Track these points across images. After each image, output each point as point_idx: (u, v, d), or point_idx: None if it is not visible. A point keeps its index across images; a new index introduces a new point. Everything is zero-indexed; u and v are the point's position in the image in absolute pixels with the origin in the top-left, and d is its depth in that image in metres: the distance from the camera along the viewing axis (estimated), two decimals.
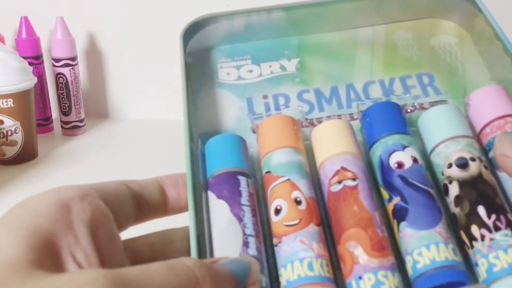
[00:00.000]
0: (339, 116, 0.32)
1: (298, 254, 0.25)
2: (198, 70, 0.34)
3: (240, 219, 0.26)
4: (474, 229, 0.25)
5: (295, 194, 0.26)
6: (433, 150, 0.28)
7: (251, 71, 0.34)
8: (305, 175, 0.27)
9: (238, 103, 0.33)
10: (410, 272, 0.25)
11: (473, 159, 0.27)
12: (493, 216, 0.25)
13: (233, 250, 0.25)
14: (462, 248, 0.25)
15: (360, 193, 0.26)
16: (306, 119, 0.31)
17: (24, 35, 0.73)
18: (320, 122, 0.32)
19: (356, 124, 0.31)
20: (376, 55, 0.35)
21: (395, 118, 0.29)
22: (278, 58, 0.35)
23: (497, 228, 0.24)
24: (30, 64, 0.69)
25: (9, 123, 0.64)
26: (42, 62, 0.76)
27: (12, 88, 0.62)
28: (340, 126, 0.29)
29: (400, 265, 0.25)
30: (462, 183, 0.26)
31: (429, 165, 0.28)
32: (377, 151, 0.28)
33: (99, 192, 0.24)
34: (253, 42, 0.35)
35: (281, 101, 0.34)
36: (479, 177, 0.26)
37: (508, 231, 0.24)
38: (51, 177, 0.63)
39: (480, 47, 0.34)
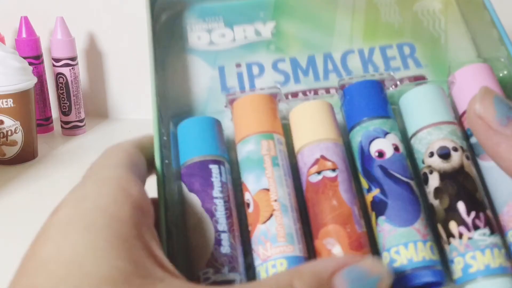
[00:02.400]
0: (316, 91, 0.30)
1: (255, 261, 0.24)
2: (167, 33, 0.31)
3: (212, 215, 0.24)
4: (453, 225, 0.24)
5: (246, 196, 0.25)
6: (414, 135, 0.27)
7: (223, 35, 0.32)
8: (257, 167, 0.26)
9: (210, 72, 0.31)
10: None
11: (455, 149, 0.26)
12: (473, 213, 0.24)
13: (206, 249, 0.24)
14: (439, 241, 0.25)
15: (340, 186, 0.25)
16: (282, 96, 0.29)
17: (24, 35, 0.73)
18: (295, 97, 0.30)
19: (336, 100, 0.29)
20: (357, 20, 0.32)
21: (377, 100, 0.28)
22: (253, 20, 0.32)
23: (476, 227, 0.24)
24: (30, 64, 0.69)
25: (9, 123, 0.63)
26: (42, 62, 0.76)
27: (12, 88, 0.62)
28: (320, 108, 0.27)
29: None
30: (443, 175, 0.25)
31: (410, 150, 0.27)
32: (358, 136, 0.27)
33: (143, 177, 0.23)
34: (226, 1, 0.32)
35: (255, 70, 0.31)
36: (460, 169, 0.25)
37: (486, 230, 0.24)
38: (51, 177, 0.63)
39: (466, 16, 0.32)
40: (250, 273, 0.25)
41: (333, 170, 0.25)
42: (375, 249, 0.25)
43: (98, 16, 0.79)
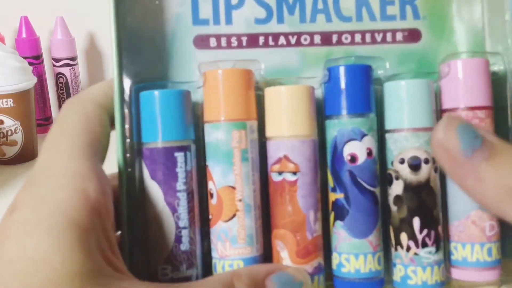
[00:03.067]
0: (299, 36, 0.27)
1: (212, 251, 0.25)
2: None
3: (174, 210, 0.24)
4: (403, 237, 0.26)
5: (210, 185, 0.25)
6: (391, 131, 0.26)
7: None
8: (225, 160, 0.24)
9: None
10: (334, 265, 0.26)
11: (426, 161, 0.26)
12: (425, 231, 0.25)
13: (165, 245, 0.24)
14: (387, 240, 0.26)
15: (298, 191, 0.24)
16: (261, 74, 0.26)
17: (24, 35, 0.72)
18: (275, 43, 0.27)
19: (319, 56, 0.27)
20: None
21: (361, 93, 0.25)
22: None
23: (424, 244, 0.25)
24: (30, 64, 0.67)
25: (9, 123, 0.62)
26: (42, 62, 0.75)
27: (12, 88, 0.61)
28: (297, 95, 0.25)
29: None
30: (407, 186, 0.26)
31: (384, 140, 0.27)
32: (334, 131, 0.26)
33: (108, 185, 0.22)
34: None
35: (234, 0, 0.27)
36: (425, 184, 0.25)
37: (432, 248, 0.25)
38: None
39: None
40: (208, 261, 0.25)
41: (294, 173, 0.25)
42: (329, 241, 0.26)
43: (98, 16, 0.76)
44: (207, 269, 0.25)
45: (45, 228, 0.19)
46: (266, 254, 0.25)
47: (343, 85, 0.25)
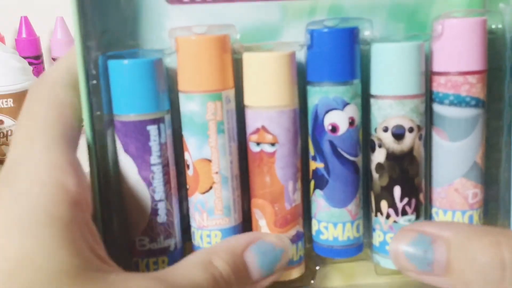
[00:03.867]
0: None
1: (191, 221, 0.25)
2: None
3: (149, 183, 0.24)
4: (384, 204, 0.25)
5: (186, 156, 0.24)
6: (376, 97, 0.25)
7: None
8: (200, 132, 0.24)
9: None
10: (313, 231, 0.26)
11: (411, 130, 0.25)
12: (405, 200, 0.25)
13: (142, 218, 0.24)
14: (368, 206, 0.26)
15: (276, 162, 0.24)
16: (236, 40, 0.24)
17: (24, 35, 0.72)
18: None
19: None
20: None
21: (345, 59, 0.24)
22: None
23: (404, 213, 0.25)
24: (30, 64, 0.66)
25: (9, 123, 0.61)
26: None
27: (12, 88, 0.60)
28: (276, 64, 0.23)
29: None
30: (390, 155, 0.25)
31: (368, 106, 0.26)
32: (315, 99, 0.25)
33: (85, 176, 0.22)
34: None
35: None
36: (408, 153, 0.25)
37: (412, 216, 0.25)
38: None
39: None
40: (187, 233, 0.26)
41: (272, 144, 0.24)
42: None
43: None
44: (189, 236, 0.25)
45: (25, 226, 0.18)
46: (247, 221, 0.25)
47: (325, 51, 0.24)
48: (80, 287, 0.18)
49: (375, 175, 0.25)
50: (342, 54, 0.24)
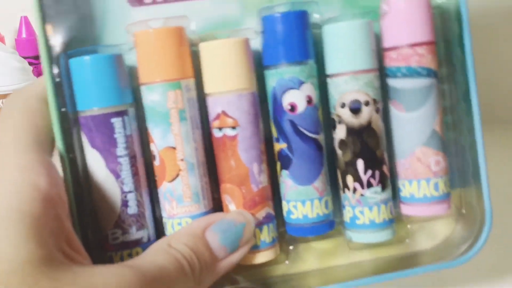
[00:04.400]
0: None
1: (162, 212, 0.26)
2: None
3: (117, 175, 0.24)
4: (349, 179, 0.26)
5: (152, 147, 0.25)
6: (331, 76, 0.26)
7: None
8: (163, 121, 0.24)
9: None
10: (284, 213, 0.27)
11: (367, 103, 0.25)
12: (369, 172, 0.26)
13: (112, 211, 0.24)
14: (336, 184, 0.27)
15: (239, 145, 0.25)
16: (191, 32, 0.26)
17: (24, 35, 0.71)
18: None
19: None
20: None
21: (298, 40, 0.25)
22: None
23: (369, 185, 0.26)
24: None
25: None
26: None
27: (12, 88, 0.58)
28: (231, 50, 0.24)
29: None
30: (350, 130, 0.26)
31: (325, 87, 0.26)
32: (272, 81, 0.25)
33: (59, 175, 0.22)
34: None
35: None
36: (367, 125, 0.26)
37: (378, 188, 0.26)
38: None
39: None
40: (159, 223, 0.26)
41: (234, 128, 0.25)
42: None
43: None
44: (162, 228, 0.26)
45: None
46: (220, 210, 0.26)
47: (277, 34, 0.25)
48: (43, 276, 0.18)
49: (339, 152, 0.26)
50: (293, 36, 0.25)
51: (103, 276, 0.18)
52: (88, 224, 0.25)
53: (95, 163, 0.24)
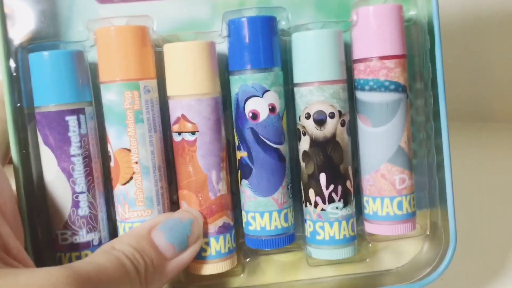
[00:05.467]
0: None
1: (116, 214, 0.25)
2: None
3: (69, 175, 0.24)
4: (311, 193, 0.25)
5: (108, 148, 0.24)
6: (298, 85, 0.25)
7: None
8: (118, 122, 0.24)
9: None
10: (243, 223, 0.26)
11: (332, 115, 0.25)
12: (331, 187, 0.25)
13: (63, 211, 0.24)
14: (298, 197, 0.26)
15: (198, 151, 0.24)
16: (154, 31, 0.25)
17: None
18: None
19: None
20: None
21: (263, 46, 0.24)
22: None
23: (331, 200, 0.25)
24: None
25: None
26: None
27: None
28: (195, 53, 0.24)
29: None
30: (314, 142, 0.25)
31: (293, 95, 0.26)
32: (236, 87, 0.25)
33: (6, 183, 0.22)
34: None
35: None
36: (331, 138, 0.25)
37: (340, 204, 0.25)
38: None
39: None
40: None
41: (193, 133, 0.24)
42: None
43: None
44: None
45: None
46: None
47: (242, 38, 0.24)
48: None
49: (302, 164, 0.25)
50: (258, 42, 0.24)
51: (29, 276, 0.18)
52: (39, 223, 0.24)
53: (47, 161, 0.24)
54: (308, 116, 0.25)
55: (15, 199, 0.23)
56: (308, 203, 0.25)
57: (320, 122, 0.25)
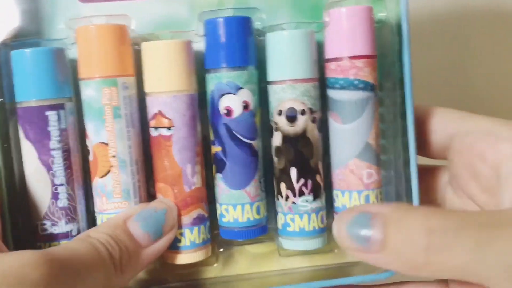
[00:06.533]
0: None
1: (94, 206, 0.26)
2: None
3: (49, 168, 0.25)
4: (283, 187, 0.26)
5: (87, 142, 0.25)
6: (271, 83, 0.26)
7: None
8: (97, 117, 0.25)
9: None
10: (217, 215, 0.27)
11: (303, 112, 0.26)
12: (302, 181, 0.26)
13: (42, 202, 0.25)
14: (271, 191, 0.27)
15: (173, 145, 0.25)
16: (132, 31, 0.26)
17: None
18: None
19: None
20: None
21: (238, 45, 0.25)
22: None
23: (301, 193, 0.26)
24: None
25: None
26: None
27: None
28: (170, 50, 0.25)
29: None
30: (285, 138, 0.26)
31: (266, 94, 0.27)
32: (211, 85, 0.26)
33: None
34: None
35: None
36: (302, 134, 0.26)
37: (309, 197, 0.26)
38: None
39: None
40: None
41: (169, 128, 0.25)
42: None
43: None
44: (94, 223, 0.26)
45: None
46: None
47: (218, 38, 0.25)
48: None
49: (275, 159, 0.26)
50: (233, 41, 0.25)
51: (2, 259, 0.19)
52: (20, 214, 0.25)
53: (28, 154, 0.25)
54: (280, 113, 0.26)
55: None
56: (279, 196, 0.27)
57: (291, 118, 0.26)
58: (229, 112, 0.25)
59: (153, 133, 0.25)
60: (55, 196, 0.25)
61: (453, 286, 0.25)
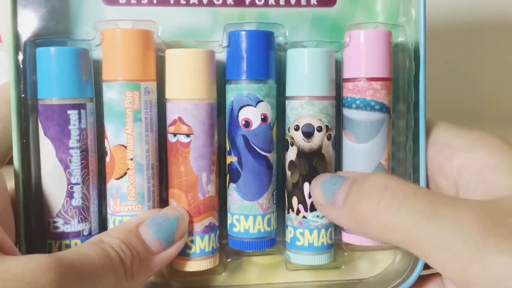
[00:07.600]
0: None
1: (107, 207, 0.26)
2: None
3: (66, 166, 0.25)
4: (294, 201, 0.27)
5: (105, 143, 0.25)
6: (289, 98, 0.27)
7: None
8: (117, 119, 0.25)
9: None
10: (228, 225, 0.27)
11: (319, 129, 0.26)
12: None
13: (57, 200, 0.25)
14: (282, 204, 0.28)
15: (191, 153, 0.25)
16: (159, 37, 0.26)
17: None
18: (186, 1, 0.27)
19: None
20: None
21: (259, 60, 0.26)
22: None
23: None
24: None
25: None
26: None
27: None
28: (196, 59, 0.25)
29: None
30: (300, 153, 0.26)
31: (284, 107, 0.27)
32: (231, 95, 0.26)
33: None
34: None
35: None
36: (317, 150, 0.26)
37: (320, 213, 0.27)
38: None
39: None
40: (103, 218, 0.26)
41: (187, 135, 0.25)
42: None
43: None
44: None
45: None
46: None
47: (240, 50, 0.26)
48: None
49: (288, 173, 0.27)
50: (255, 54, 0.26)
51: (10, 262, 0.18)
52: (33, 211, 0.25)
53: (46, 151, 0.25)
54: (297, 128, 0.26)
55: (7, 193, 0.24)
56: (290, 210, 0.27)
57: (308, 134, 0.26)
58: (247, 124, 0.26)
59: (171, 139, 0.25)
60: (69, 195, 0.25)
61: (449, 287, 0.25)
